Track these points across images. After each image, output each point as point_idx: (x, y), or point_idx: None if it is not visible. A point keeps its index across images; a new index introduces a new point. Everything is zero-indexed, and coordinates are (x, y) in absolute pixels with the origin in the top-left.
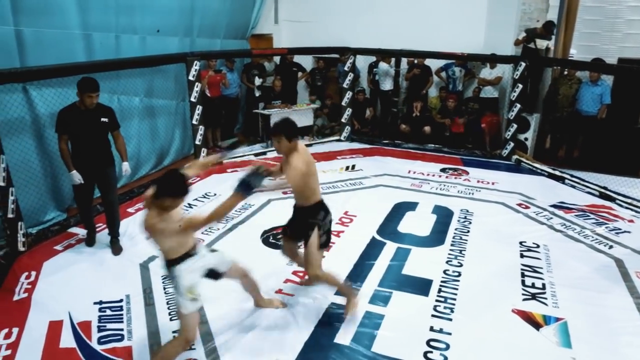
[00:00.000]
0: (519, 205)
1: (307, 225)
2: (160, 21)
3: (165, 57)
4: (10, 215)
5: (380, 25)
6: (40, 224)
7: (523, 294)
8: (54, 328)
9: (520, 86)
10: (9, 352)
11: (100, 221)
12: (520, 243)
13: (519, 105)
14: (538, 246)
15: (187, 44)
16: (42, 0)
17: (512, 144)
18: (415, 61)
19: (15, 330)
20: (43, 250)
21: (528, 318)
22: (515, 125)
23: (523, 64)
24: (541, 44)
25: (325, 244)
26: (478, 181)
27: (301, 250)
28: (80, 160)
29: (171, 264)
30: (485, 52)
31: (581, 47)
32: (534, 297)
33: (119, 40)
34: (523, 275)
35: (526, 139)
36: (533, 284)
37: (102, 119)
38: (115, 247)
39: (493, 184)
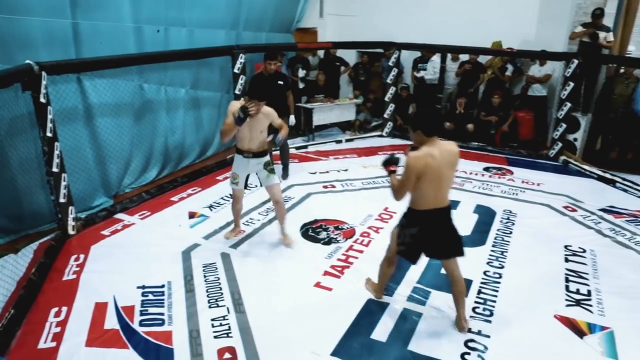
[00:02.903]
0: (566, 207)
1: None
2: (207, 14)
3: (212, 49)
4: (62, 200)
5: (426, 20)
6: (89, 209)
7: (567, 300)
8: (100, 309)
9: (572, 84)
10: (58, 329)
11: (144, 209)
12: (566, 247)
13: (569, 104)
14: (584, 251)
15: (233, 37)
16: None
17: (560, 144)
18: (467, 57)
19: (64, 309)
20: (91, 235)
21: (571, 325)
22: (564, 125)
23: (576, 61)
24: (605, 37)
25: None
26: (523, 181)
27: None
28: None
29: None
30: (536, 48)
31: None
32: (578, 303)
33: (167, 33)
34: (567, 280)
35: (575, 139)
36: (578, 290)
37: (279, 82)
38: (285, 174)
39: (538, 185)
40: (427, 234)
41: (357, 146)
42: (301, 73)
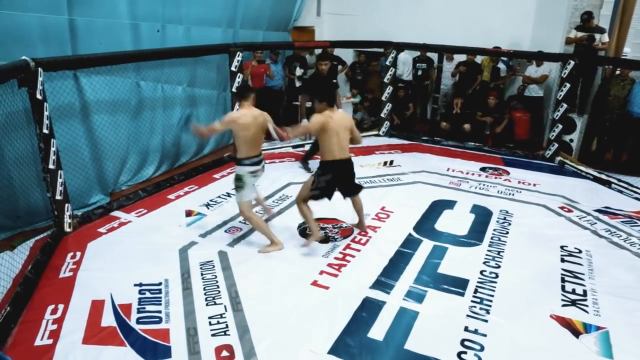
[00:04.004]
0: (561, 208)
1: None
2: (204, 12)
3: (209, 47)
4: (58, 197)
5: (424, 19)
6: (85, 207)
7: (562, 300)
8: (97, 307)
9: (568, 85)
10: (55, 326)
11: (140, 207)
12: (561, 247)
13: (565, 105)
14: (580, 251)
15: (230, 35)
16: None
17: (556, 145)
18: (464, 57)
19: (60, 307)
20: (87, 232)
21: (567, 324)
22: (560, 126)
23: (572, 62)
24: (600, 38)
25: None
26: (519, 182)
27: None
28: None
29: None
30: (532, 49)
31: (636, 45)
32: (574, 303)
33: (164, 30)
34: (563, 280)
35: (571, 140)
36: (574, 290)
37: (334, 81)
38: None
39: (534, 185)
40: (338, 179)
41: (353, 145)
42: (298, 72)
